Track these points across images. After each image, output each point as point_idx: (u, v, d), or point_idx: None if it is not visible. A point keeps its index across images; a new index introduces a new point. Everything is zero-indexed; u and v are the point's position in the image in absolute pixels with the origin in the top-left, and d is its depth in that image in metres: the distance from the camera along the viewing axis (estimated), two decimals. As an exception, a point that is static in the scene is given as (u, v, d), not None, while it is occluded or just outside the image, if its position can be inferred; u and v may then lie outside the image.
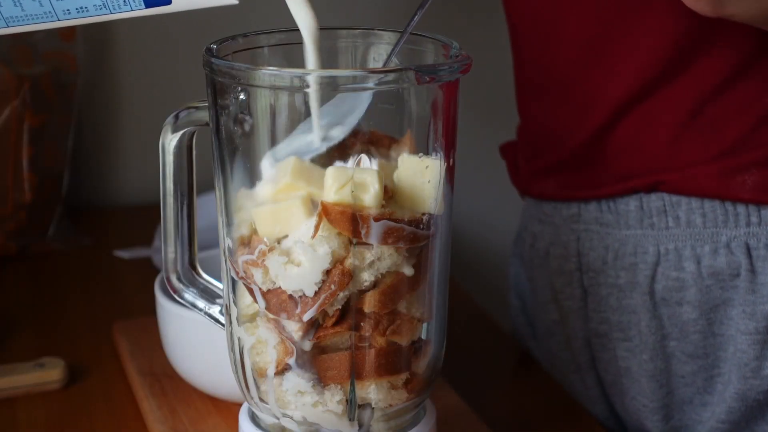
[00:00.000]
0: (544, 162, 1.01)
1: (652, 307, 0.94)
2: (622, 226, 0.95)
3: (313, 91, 0.65)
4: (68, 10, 0.64)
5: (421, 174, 0.67)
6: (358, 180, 0.65)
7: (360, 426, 0.69)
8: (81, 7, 0.64)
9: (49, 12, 0.64)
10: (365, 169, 0.66)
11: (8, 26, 0.65)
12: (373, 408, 0.69)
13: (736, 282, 0.92)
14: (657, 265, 0.94)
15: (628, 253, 0.95)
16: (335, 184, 0.65)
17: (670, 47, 0.89)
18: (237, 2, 0.65)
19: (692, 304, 0.93)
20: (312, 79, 0.64)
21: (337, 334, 0.67)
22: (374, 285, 0.66)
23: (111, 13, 0.65)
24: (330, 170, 0.65)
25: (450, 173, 0.69)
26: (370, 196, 0.65)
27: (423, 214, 0.67)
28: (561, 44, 0.95)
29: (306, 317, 0.66)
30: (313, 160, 0.67)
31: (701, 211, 0.92)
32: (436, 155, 0.68)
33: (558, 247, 1.01)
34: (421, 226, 0.67)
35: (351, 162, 0.66)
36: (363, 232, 0.65)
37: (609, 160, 0.95)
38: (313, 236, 0.65)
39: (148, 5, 0.65)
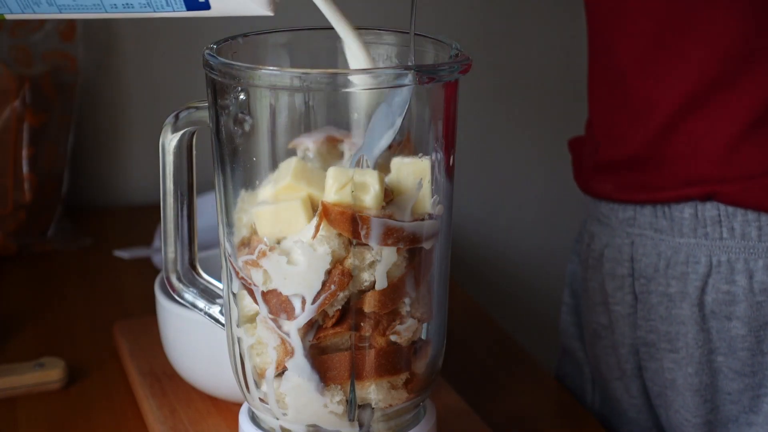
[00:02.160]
0: (605, 160, 0.99)
1: (701, 320, 0.93)
2: (675, 233, 0.94)
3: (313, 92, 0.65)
4: (115, 5, 0.66)
5: (414, 175, 0.67)
6: (359, 181, 0.65)
7: (360, 426, 0.69)
8: (127, 4, 0.66)
9: (98, 4, 0.66)
10: (366, 170, 0.66)
11: (60, 12, 0.67)
12: (373, 408, 0.69)
13: None
14: (708, 277, 0.92)
15: (680, 262, 0.93)
16: (336, 185, 0.65)
17: (734, 47, 0.88)
18: (272, 14, 0.66)
19: (742, 320, 0.91)
20: (312, 79, 0.64)
21: (337, 334, 0.67)
22: (374, 285, 0.66)
23: (154, 12, 0.67)
24: (331, 170, 0.65)
25: (449, 173, 0.69)
26: (370, 197, 0.65)
27: (422, 215, 0.67)
28: (626, 36, 0.93)
29: (306, 318, 0.66)
30: (312, 162, 0.67)
31: (757, 224, 0.90)
32: (426, 156, 0.67)
33: (612, 249, 0.99)
34: (421, 227, 0.67)
35: (351, 161, 0.66)
36: (363, 233, 0.65)
37: (667, 163, 0.93)
38: (314, 237, 0.65)
39: (188, 8, 0.67)
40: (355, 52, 0.68)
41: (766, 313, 0.91)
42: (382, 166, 0.67)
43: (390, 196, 0.66)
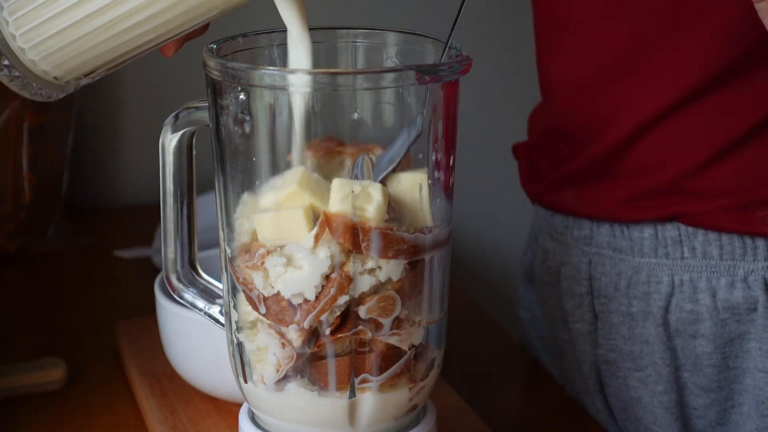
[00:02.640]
0: (565, 169, 0.97)
1: (666, 339, 0.92)
2: (636, 253, 0.93)
3: (313, 91, 0.65)
4: None
5: (413, 187, 0.67)
6: (363, 193, 0.65)
7: (360, 428, 0.69)
8: None
9: None
10: (371, 183, 0.66)
11: None
12: (374, 411, 0.69)
13: (753, 317, 0.89)
14: (671, 296, 0.91)
15: (642, 282, 0.93)
16: (340, 195, 0.65)
17: (705, 72, 0.87)
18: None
19: (707, 338, 0.90)
20: (311, 79, 0.64)
21: (338, 341, 0.67)
22: (375, 291, 0.66)
23: None
24: (336, 182, 0.65)
25: (449, 173, 0.69)
26: (373, 209, 0.65)
27: (422, 227, 0.67)
28: (594, 49, 0.92)
29: (306, 323, 0.66)
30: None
31: (718, 243, 0.90)
32: (423, 168, 0.68)
33: (569, 267, 0.98)
34: (422, 240, 0.67)
35: (353, 170, 0.66)
36: (364, 245, 0.65)
37: (628, 176, 0.92)
38: (314, 246, 0.65)
39: None
40: (299, 53, 0.68)
41: (731, 329, 0.90)
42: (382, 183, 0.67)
43: (394, 210, 0.66)
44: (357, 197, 0.65)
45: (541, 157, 1.01)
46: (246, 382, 0.71)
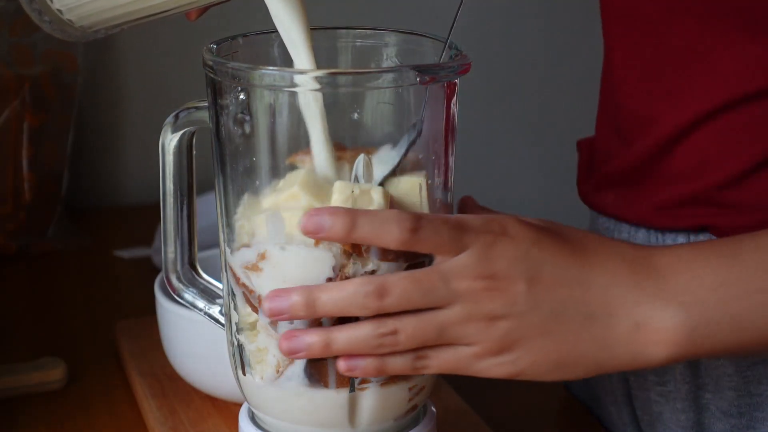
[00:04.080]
0: (609, 169, 0.95)
1: None
2: None
3: (313, 91, 0.65)
4: None
5: (412, 190, 0.67)
6: (364, 195, 0.65)
7: (360, 428, 0.69)
8: None
9: None
10: (372, 186, 0.66)
11: None
12: (373, 411, 0.69)
13: None
14: None
15: None
16: (340, 197, 0.65)
17: (759, 78, 0.83)
18: None
19: (729, 359, 0.88)
20: (311, 79, 0.64)
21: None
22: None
23: None
24: (337, 184, 0.65)
25: (449, 173, 0.69)
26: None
27: None
28: (656, 44, 0.89)
29: (306, 324, 0.66)
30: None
31: None
32: (422, 171, 0.67)
33: None
34: None
35: (354, 173, 0.66)
36: (363, 247, 0.65)
37: (664, 182, 0.90)
38: (315, 245, 0.65)
39: None
40: (302, 56, 0.68)
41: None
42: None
43: None
44: (357, 199, 0.65)
45: (595, 156, 1.00)
46: (246, 382, 0.70)
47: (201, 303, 0.75)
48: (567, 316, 0.67)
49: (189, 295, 0.75)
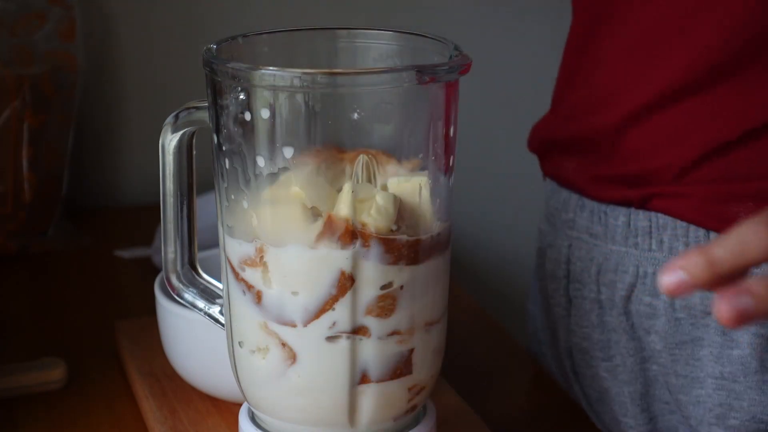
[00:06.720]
0: (568, 136, 0.97)
1: (630, 329, 0.92)
2: (609, 240, 0.93)
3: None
4: None
5: (413, 192, 0.67)
6: (370, 199, 0.65)
7: (360, 428, 0.69)
8: None
9: None
10: (379, 191, 0.66)
11: None
12: (373, 410, 0.69)
13: (708, 321, 0.88)
14: (633, 287, 0.91)
15: (610, 270, 0.93)
16: (346, 200, 0.65)
17: (704, 65, 0.86)
18: None
19: (659, 335, 0.90)
20: (312, 79, 0.64)
21: (337, 338, 0.67)
22: (376, 290, 0.66)
23: None
24: (346, 186, 0.65)
25: (449, 173, 0.69)
26: (379, 217, 0.65)
27: (422, 231, 0.67)
28: (619, 24, 0.91)
29: (306, 323, 0.66)
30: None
31: (685, 240, 0.89)
32: (423, 171, 0.67)
33: (554, 250, 0.99)
34: (424, 246, 0.67)
35: (354, 175, 0.66)
36: (363, 240, 0.65)
37: (628, 154, 0.91)
38: (315, 243, 0.65)
39: None
40: None
41: (684, 331, 0.89)
42: (383, 187, 0.67)
43: (403, 220, 0.66)
44: (364, 203, 0.65)
45: (555, 124, 1.02)
46: (246, 380, 0.70)
47: (201, 303, 0.75)
48: None
49: (189, 295, 0.75)
